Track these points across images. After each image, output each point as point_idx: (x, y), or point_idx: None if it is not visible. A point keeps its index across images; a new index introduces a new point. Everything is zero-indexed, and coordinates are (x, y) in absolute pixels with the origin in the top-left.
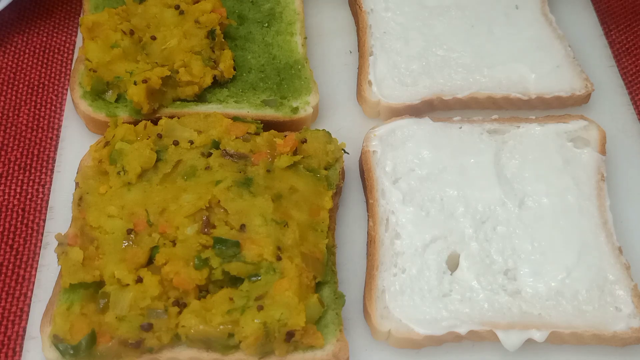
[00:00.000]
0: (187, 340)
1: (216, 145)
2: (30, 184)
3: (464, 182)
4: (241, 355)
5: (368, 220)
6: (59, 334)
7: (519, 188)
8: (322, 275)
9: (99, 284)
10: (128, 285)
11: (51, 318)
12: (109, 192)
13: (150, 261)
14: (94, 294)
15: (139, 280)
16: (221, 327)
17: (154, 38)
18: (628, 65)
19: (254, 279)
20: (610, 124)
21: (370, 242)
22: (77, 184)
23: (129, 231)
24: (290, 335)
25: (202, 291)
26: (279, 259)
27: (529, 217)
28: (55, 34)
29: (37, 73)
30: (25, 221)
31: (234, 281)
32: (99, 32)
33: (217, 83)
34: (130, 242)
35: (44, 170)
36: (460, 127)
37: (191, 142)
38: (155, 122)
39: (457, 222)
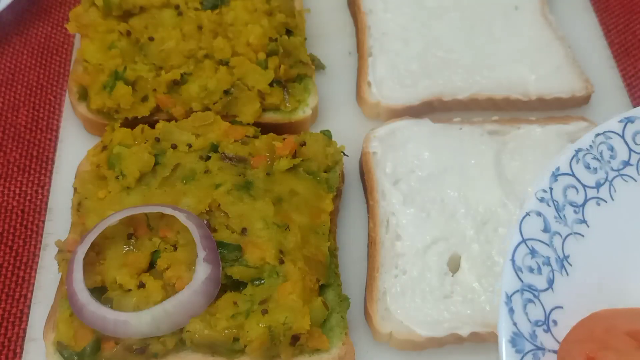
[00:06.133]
0: (192, 345)
1: (215, 148)
2: (29, 185)
3: (465, 184)
4: (247, 359)
5: (368, 221)
6: (63, 340)
7: (520, 189)
8: (325, 278)
9: (101, 290)
10: (130, 290)
11: (54, 324)
12: (108, 197)
13: (151, 266)
14: (96, 299)
15: (141, 285)
16: (226, 331)
17: (151, 39)
18: (628, 66)
19: (257, 282)
20: None
21: (371, 243)
22: (75, 189)
23: (129, 236)
24: (295, 338)
25: None
26: (281, 262)
27: None
28: (53, 35)
29: (36, 74)
30: (24, 222)
31: (237, 285)
32: (92, 30)
33: None
34: (131, 247)
35: (42, 171)
36: (461, 128)
37: (189, 146)
38: (152, 125)
39: (458, 223)
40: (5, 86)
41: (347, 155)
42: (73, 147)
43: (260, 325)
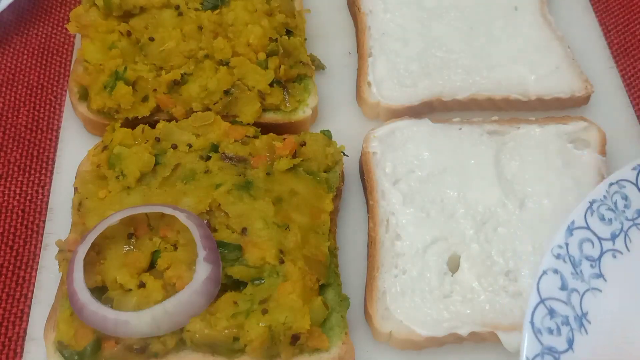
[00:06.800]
0: (192, 344)
1: (215, 148)
2: (30, 185)
3: (464, 184)
4: (247, 358)
5: (368, 221)
6: (63, 340)
7: (520, 189)
8: (325, 278)
9: (102, 289)
10: (131, 290)
11: (55, 324)
12: (109, 197)
13: (152, 265)
14: (97, 299)
15: (142, 285)
16: (226, 331)
17: (152, 39)
18: (627, 67)
19: (257, 282)
20: (610, 125)
21: (371, 243)
22: (76, 189)
23: (130, 235)
24: (295, 338)
25: None
26: (281, 262)
27: (529, 218)
28: (54, 35)
29: (36, 74)
30: (25, 222)
31: (237, 285)
32: (93, 30)
33: None
34: (131, 247)
35: (43, 171)
36: (460, 129)
37: (189, 146)
38: (152, 125)
39: (458, 223)
40: (5, 86)
41: (347, 155)
42: (73, 147)
43: (260, 324)
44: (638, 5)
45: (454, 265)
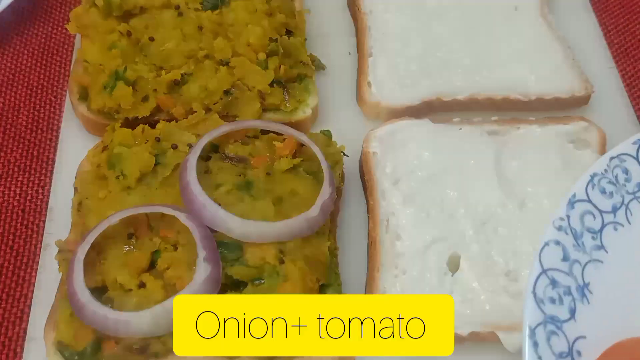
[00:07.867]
0: None
1: (215, 148)
2: (30, 185)
3: (464, 184)
4: (247, 358)
5: (368, 221)
6: (63, 340)
7: (520, 189)
8: (325, 278)
9: (102, 290)
10: (131, 290)
11: (55, 324)
12: (109, 197)
13: (152, 266)
14: (97, 299)
15: (142, 285)
16: None
17: (152, 39)
18: (627, 67)
19: (257, 282)
20: (610, 125)
21: (371, 243)
22: (76, 189)
23: (130, 236)
24: None
25: None
26: (281, 262)
27: (529, 219)
28: (54, 36)
29: (36, 74)
30: (25, 222)
31: (238, 285)
32: (93, 30)
33: None
34: (132, 247)
35: (43, 171)
36: (460, 129)
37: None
38: (153, 125)
39: (458, 223)
40: (5, 87)
41: (347, 156)
42: (73, 147)
43: None
44: (638, 5)
45: (454, 265)
